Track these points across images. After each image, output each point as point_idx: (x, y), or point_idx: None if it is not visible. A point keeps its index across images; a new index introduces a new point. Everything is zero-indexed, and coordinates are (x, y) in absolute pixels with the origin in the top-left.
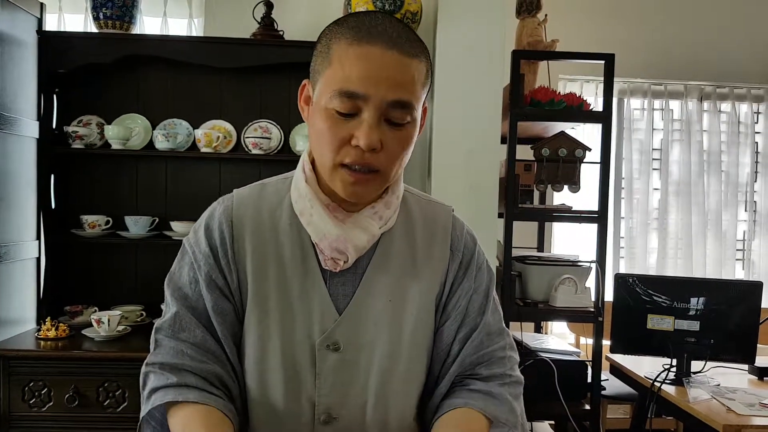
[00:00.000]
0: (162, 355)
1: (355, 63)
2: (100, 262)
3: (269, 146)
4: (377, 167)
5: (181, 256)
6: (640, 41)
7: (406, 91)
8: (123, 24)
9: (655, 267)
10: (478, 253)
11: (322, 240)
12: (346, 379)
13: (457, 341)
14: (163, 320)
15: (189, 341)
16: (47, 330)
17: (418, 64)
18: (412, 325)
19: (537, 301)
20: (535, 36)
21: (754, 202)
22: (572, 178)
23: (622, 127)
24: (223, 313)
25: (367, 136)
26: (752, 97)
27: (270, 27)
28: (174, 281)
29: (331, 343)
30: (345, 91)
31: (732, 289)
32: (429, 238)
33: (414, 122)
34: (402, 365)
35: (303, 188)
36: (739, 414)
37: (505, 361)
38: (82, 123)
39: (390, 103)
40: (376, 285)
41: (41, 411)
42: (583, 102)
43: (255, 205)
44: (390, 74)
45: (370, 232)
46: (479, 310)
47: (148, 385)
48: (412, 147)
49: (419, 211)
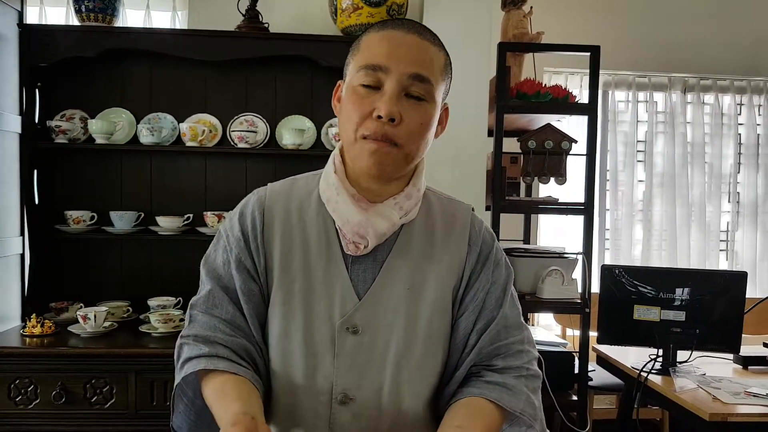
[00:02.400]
0: (196, 328)
1: (380, 43)
2: (86, 258)
3: (255, 140)
4: (397, 140)
5: (217, 240)
6: (624, 33)
7: (425, 68)
8: (105, 17)
9: (640, 258)
10: (496, 249)
11: (345, 225)
12: (362, 361)
13: (474, 332)
14: (198, 297)
15: (221, 317)
16: (33, 327)
17: (437, 51)
18: (429, 314)
19: (524, 293)
20: (521, 28)
21: (737, 193)
22: (558, 170)
23: (606, 119)
24: (250, 293)
25: (386, 105)
26: (735, 89)
27: (255, 19)
28: (209, 262)
29: (351, 325)
30: (369, 65)
31: (717, 279)
32: (448, 232)
33: (434, 103)
34: (417, 353)
35: (332, 178)
36: (725, 402)
37: (522, 354)
38: (65, 117)
39: (410, 75)
40: (395, 273)
41: (28, 408)
42: (568, 94)
43: (286, 197)
44: (410, 51)
45: (391, 220)
46: (497, 304)
47: (182, 356)
48: (432, 129)
49: (440, 207)
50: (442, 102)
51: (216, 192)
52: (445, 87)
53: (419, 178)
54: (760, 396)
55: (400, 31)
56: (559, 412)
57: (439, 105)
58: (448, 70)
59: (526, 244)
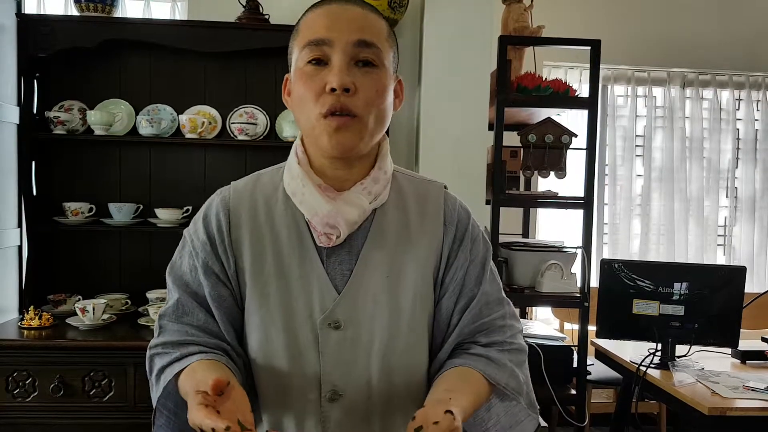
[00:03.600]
0: (166, 336)
1: (319, 18)
2: (84, 250)
3: (255, 132)
4: (354, 111)
5: (182, 246)
6: (624, 28)
7: (369, 33)
8: (105, 7)
9: (638, 252)
10: (472, 225)
11: (314, 217)
12: (348, 356)
13: (456, 312)
14: (166, 307)
15: (192, 324)
16: (30, 319)
17: (378, 18)
18: (411, 299)
19: (523, 287)
20: (521, 22)
21: (735, 188)
22: (558, 164)
23: (605, 113)
24: (220, 299)
25: (337, 76)
26: (734, 84)
27: (255, 11)
28: (175, 270)
29: (332, 321)
30: (312, 40)
31: (716, 274)
32: (421, 213)
33: (384, 69)
34: (402, 340)
35: (295, 169)
36: (724, 397)
37: (505, 329)
38: (63, 108)
39: (355, 42)
40: (372, 262)
41: (26, 401)
42: (569, 88)
43: (251, 195)
44: (351, 20)
45: (361, 207)
46: (476, 281)
47: (154, 368)
48: (388, 97)
49: (411, 188)
50: (393, 73)
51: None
52: (393, 55)
53: (384, 160)
54: (759, 390)
55: (337, 4)
56: (557, 405)
57: (390, 72)
58: (392, 39)
59: (525, 238)
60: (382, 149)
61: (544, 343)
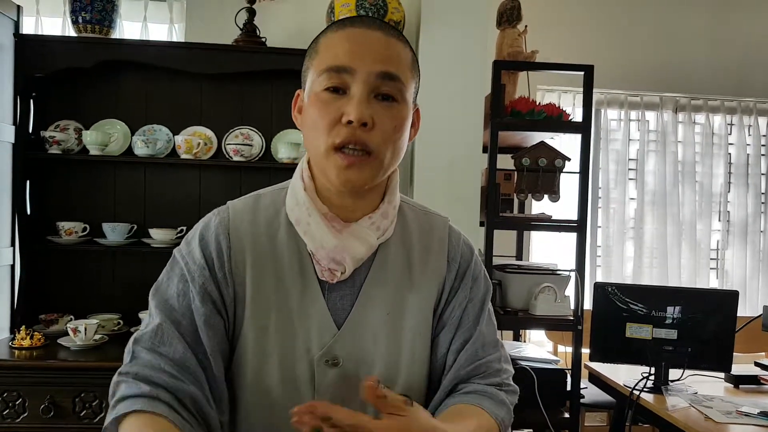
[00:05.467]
0: (138, 366)
1: (340, 42)
2: (77, 270)
3: (250, 153)
4: (370, 147)
5: (171, 267)
6: (617, 53)
7: (393, 65)
8: (102, 28)
9: (632, 276)
10: (475, 263)
11: (319, 250)
12: (345, 393)
13: (451, 352)
14: (143, 331)
15: (168, 356)
16: (22, 339)
17: (403, 47)
18: (411, 337)
19: (517, 309)
20: (516, 47)
21: (727, 212)
22: (552, 187)
23: (599, 137)
24: (214, 328)
25: (357, 109)
26: (725, 109)
27: (252, 33)
28: (161, 292)
29: (330, 357)
30: (332, 67)
31: (708, 298)
32: (426, 249)
33: (405, 103)
34: (401, 378)
35: (301, 196)
36: (717, 422)
37: (501, 373)
38: (59, 128)
39: (377, 74)
40: (373, 298)
41: (15, 422)
42: (562, 112)
43: (251, 217)
44: (375, 48)
45: (368, 242)
46: (474, 321)
47: (117, 394)
48: (405, 133)
49: (416, 221)
50: (413, 103)
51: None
52: (414, 86)
53: (394, 194)
54: (752, 415)
55: (362, 28)
56: (550, 429)
57: (410, 106)
58: (415, 67)
59: (519, 261)
60: (392, 182)
61: (538, 366)
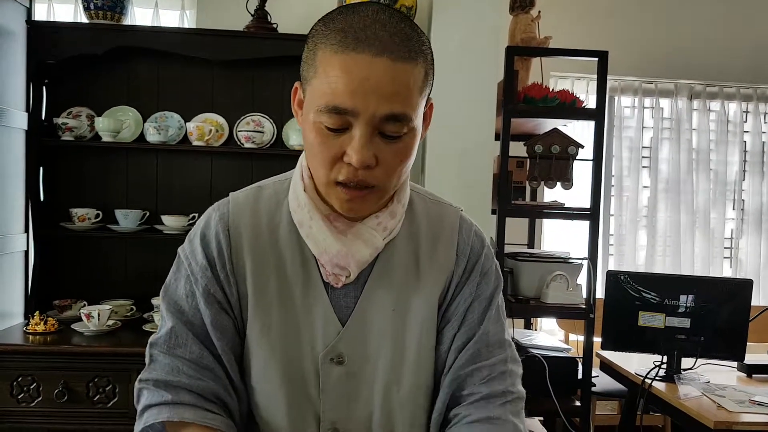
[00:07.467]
0: (157, 371)
1: (341, 75)
2: (90, 256)
3: (262, 140)
4: (373, 183)
5: (177, 267)
6: (632, 39)
7: (400, 103)
8: (114, 15)
9: (644, 264)
10: (485, 256)
11: (323, 255)
12: (350, 392)
13: (452, 350)
14: (158, 335)
15: (185, 357)
16: (36, 324)
17: (413, 68)
18: (417, 334)
19: (528, 298)
20: (529, 32)
21: (742, 200)
22: (565, 174)
23: (612, 124)
24: (223, 329)
25: (359, 154)
26: (741, 97)
27: (263, 20)
28: (170, 294)
29: (335, 356)
30: (332, 107)
31: (722, 286)
32: (434, 241)
33: (413, 132)
34: (407, 376)
35: (302, 197)
36: (730, 411)
37: (506, 376)
38: (71, 115)
39: (382, 117)
40: (378, 294)
41: (30, 406)
42: (576, 99)
43: (252, 211)
44: (380, 85)
45: (373, 245)
46: (479, 319)
47: (141, 402)
48: (412, 158)
49: (425, 212)
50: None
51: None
52: (425, 97)
53: (403, 193)
54: (765, 405)
55: (366, 55)
56: (562, 417)
57: (419, 125)
58: (428, 75)
59: (530, 249)
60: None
61: (549, 354)
